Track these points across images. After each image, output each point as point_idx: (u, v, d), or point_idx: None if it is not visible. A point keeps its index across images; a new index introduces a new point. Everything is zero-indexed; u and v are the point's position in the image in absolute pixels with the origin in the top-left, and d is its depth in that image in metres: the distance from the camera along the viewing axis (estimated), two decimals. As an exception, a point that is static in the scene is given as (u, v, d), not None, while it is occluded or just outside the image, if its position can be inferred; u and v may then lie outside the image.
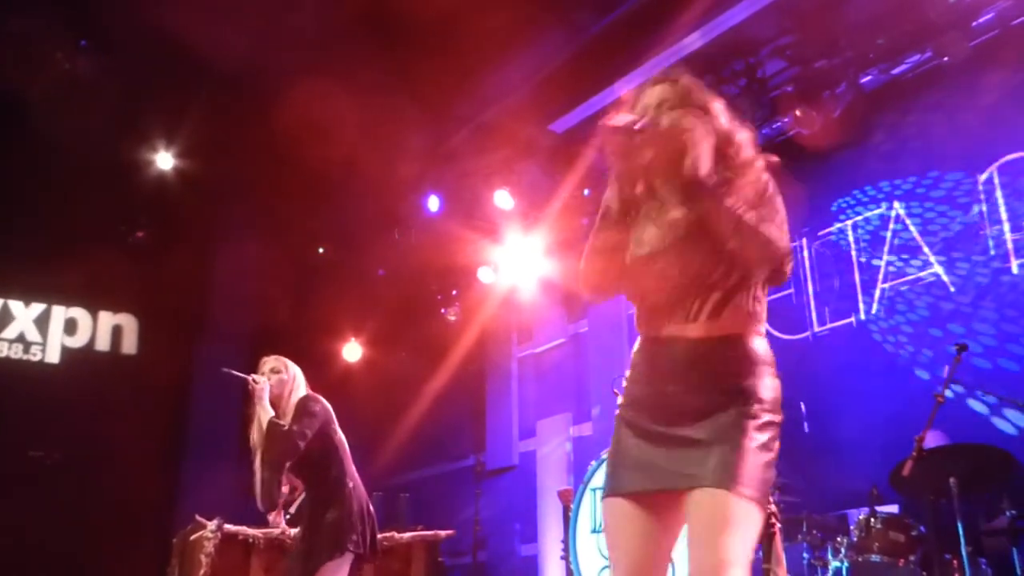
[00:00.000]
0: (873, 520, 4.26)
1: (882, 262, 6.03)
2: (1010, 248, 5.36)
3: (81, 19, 6.59)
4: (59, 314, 9.40)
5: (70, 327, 9.44)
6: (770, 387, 2.00)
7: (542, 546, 7.71)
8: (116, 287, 9.26)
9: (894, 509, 4.78)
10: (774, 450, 1.95)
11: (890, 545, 4.17)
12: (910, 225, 5.92)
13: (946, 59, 5.58)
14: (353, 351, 10.03)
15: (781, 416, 2.00)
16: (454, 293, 9.06)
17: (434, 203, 8.26)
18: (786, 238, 1.99)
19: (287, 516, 4.16)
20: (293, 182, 7.97)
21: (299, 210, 8.65)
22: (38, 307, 9.32)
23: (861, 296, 6.09)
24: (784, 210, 2.03)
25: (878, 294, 6.00)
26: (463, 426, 9.44)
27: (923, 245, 5.83)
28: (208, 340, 9.43)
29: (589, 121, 6.81)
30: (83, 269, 8.40)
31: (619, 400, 2.14)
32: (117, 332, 9.65)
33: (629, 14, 6.06)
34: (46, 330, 9.30)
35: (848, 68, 5.96)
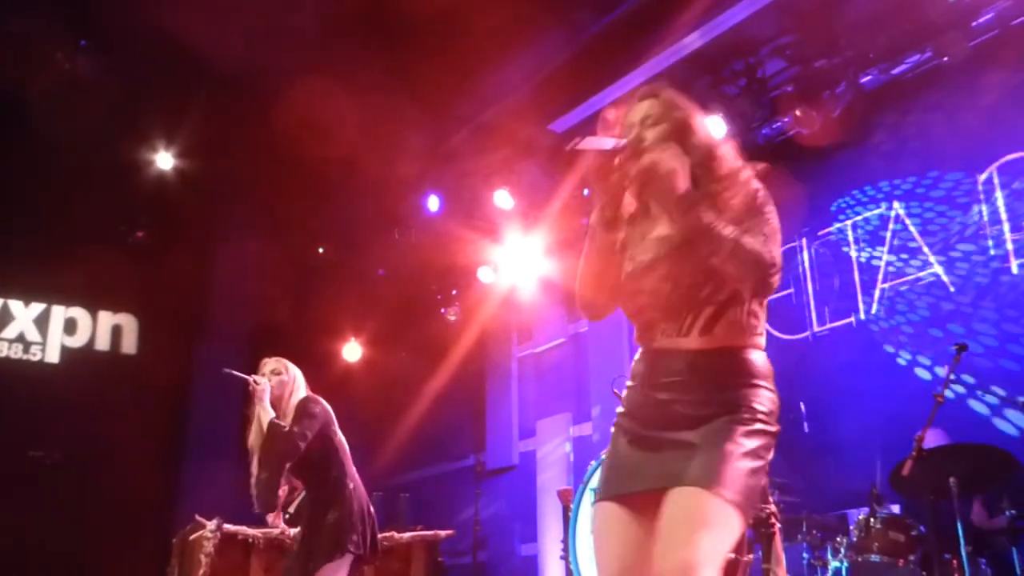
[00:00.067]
0: (873, 520, 4.26)
1: (882, 262, 6.03)
2: (1010, 248, 5.36)
3: (81, 19, 6.60)
4: (59, 314, 9.40)
5: (70, 327, 9.44)
6: (765, 399, 1.98)
7: (542, 546, 7.71)
8: (116, 287, 9.26)
9: (894, 509, 4.78)
10: (764, 459, 1.93)
11: (890, 545, 4.17)
12: (910, 225, 5.92)
13: (946, 59, 5.58)
14: (353, 351, 10.04)
15: (776, 428, 1.99)
16: (454, 293, 9.07)
17: (434, 203, 8.26)
18: (773, 250, 1.97)
19: (286, 516, 4.17)
20: (293, 182, 7.98)
21: (299, 210, 8.66)
22: (38, 307, 9.32)
23: (861, 296, 6.09)
24: (776, 219, 2.02)
25: (878, 294, 6.00)
26: (463, 426, 9.44)
27: (923, 245, 5.83)
28: (208, 340, 9.44)
29: (589, 121, 6.80)
30: (83, 269, 8.41)
31: (618, 409, 2.15)
32: (117, 332, 9.66)
33: (629, 14, 6.06)
34: (46, 330, 9.30)
35: (848, 68, 5.96)
